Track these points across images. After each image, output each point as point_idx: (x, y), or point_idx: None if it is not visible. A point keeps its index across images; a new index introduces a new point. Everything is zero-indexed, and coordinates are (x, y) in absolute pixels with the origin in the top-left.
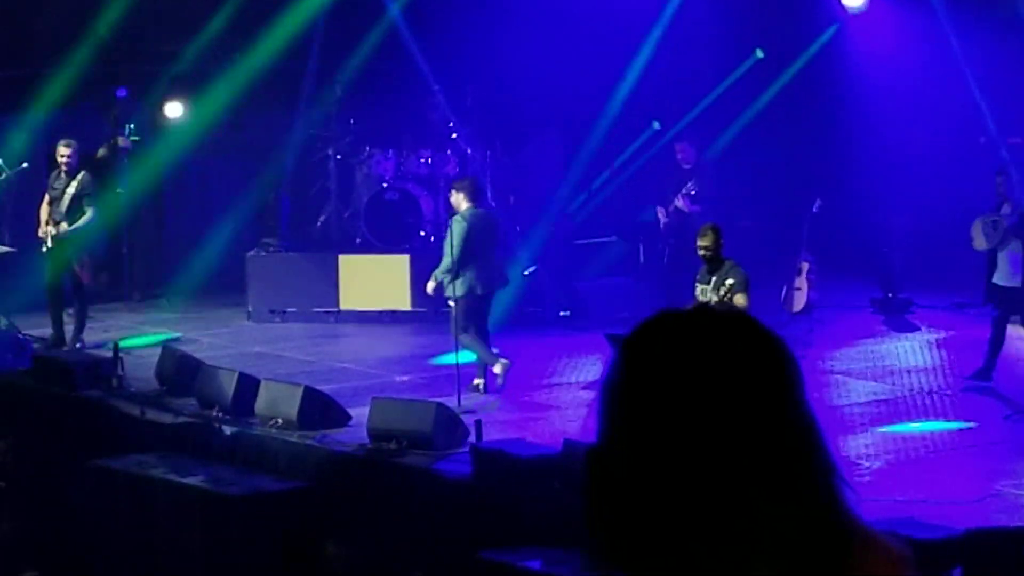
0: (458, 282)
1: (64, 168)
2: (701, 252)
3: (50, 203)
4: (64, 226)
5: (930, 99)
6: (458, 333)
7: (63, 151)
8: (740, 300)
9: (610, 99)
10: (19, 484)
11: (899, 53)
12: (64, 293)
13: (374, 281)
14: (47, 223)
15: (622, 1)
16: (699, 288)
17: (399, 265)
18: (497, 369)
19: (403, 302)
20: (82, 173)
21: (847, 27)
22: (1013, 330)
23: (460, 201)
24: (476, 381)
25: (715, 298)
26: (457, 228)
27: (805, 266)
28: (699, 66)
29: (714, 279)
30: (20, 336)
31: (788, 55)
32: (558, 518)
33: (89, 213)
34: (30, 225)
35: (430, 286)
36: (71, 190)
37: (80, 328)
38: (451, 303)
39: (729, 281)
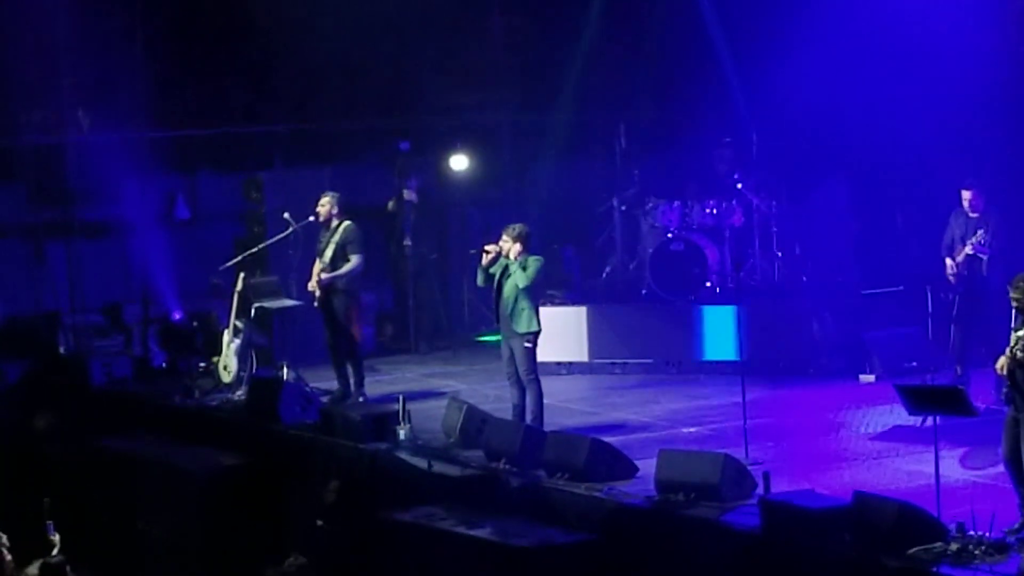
0: None
1: (322, 220)
2: (1015, 304)
3: (320, 256)
4: (336, 275)
5: None
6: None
7: (321, 202)
8: None
9: (898, 144)
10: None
11: None
12: (342, 345)
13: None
14: (315, 276)
15: (913, 45)
16: (1014, 337)
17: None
18: None
19: (689, 352)
20: (346, 222)
21: None
22: None
23: None
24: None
25: None
26: None
27: None
28: (993, 109)
29: None
30: (307, 389)
31: None
32: (849, 572)
33: (353, 260)
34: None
35: None
36: (335, 239)
37: (360, 382)
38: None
39: None
